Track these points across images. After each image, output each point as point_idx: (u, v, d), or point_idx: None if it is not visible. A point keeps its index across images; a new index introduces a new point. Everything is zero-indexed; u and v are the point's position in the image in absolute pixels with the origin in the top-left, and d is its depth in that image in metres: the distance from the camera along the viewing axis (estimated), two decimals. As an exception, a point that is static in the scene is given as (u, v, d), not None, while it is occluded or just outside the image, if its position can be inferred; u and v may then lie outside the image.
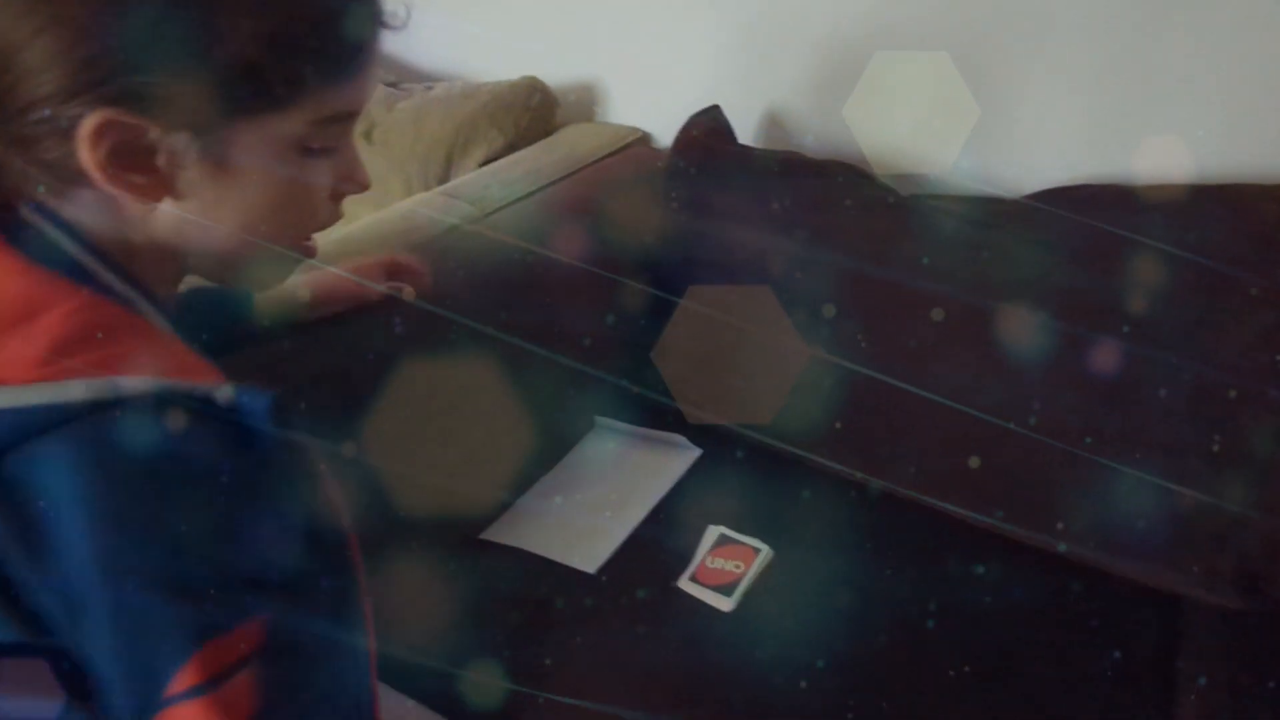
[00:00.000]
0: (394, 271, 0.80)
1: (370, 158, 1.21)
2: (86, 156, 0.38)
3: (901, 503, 0.88)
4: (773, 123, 1.18)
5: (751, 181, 0.98)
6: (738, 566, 0.81)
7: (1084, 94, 0.96)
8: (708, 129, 1.04)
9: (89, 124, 0.38)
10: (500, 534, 0.87)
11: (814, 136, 1.15)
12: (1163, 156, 0.93)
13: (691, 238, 1.01)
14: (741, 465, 0.94)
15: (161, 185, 0.42)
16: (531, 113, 1.21)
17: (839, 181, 0.97)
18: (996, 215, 0.90)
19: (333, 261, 0.82)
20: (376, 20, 0.45)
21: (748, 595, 0.79)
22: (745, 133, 1.14)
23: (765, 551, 0.83)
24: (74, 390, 0.36)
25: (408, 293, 0.80)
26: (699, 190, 1.00)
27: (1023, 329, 0.82)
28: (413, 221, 0.99)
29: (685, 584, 0.80)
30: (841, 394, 0.90)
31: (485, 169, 1.14)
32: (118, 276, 0.43)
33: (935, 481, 0.87)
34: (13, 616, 0.36)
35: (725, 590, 0.78)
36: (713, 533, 0.85)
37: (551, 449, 0.98)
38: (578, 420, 1.03)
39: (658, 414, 0.99)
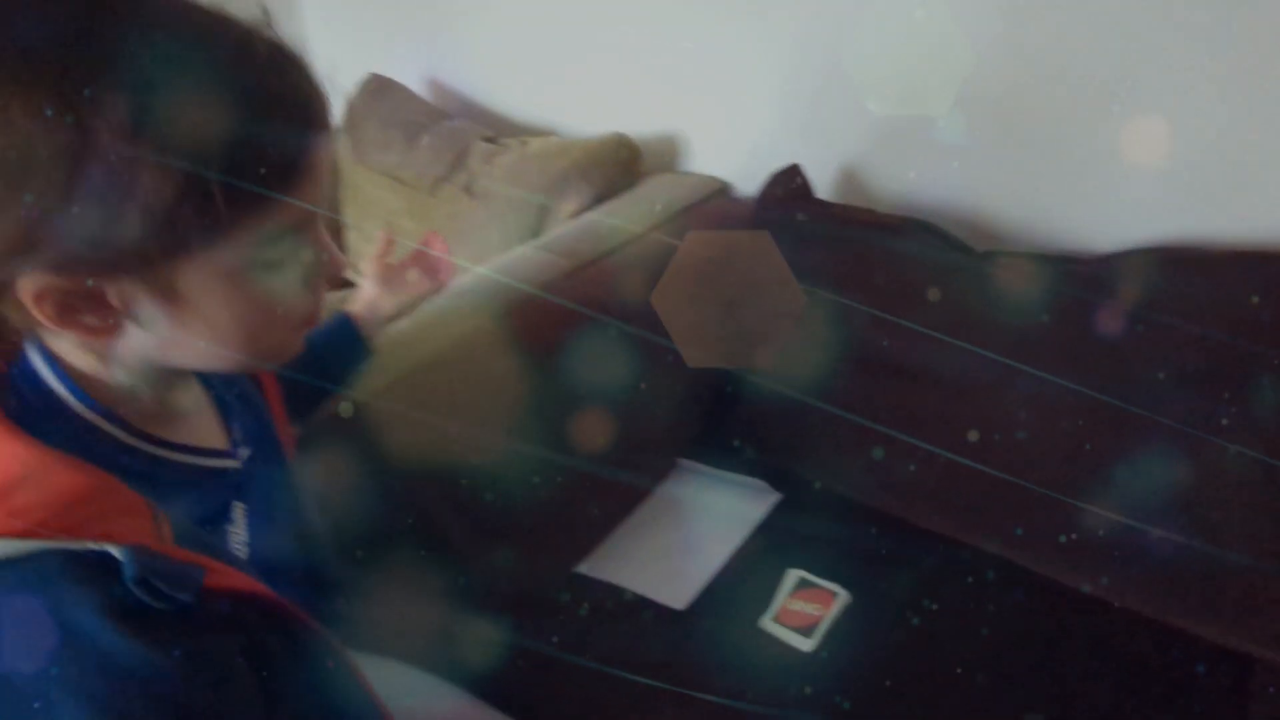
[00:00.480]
0: (426, 262, 0.89)
1: (471, 209, 1.32)
2: (35, 315, 0.40)
3: (979, 554, 0.92)
4: (848, 177, 1.23)
5: (832, 238, 1.03)
6: (817, 609, 0.86)
7: (1164, 152, 0.98)
8: (789, 186, 1.11)
9: (29, 291, 0.39)
10: (594, 569, 0.95)
11: (887, 191, 1.20)
12: (1246, 218, 0.94)
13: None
14: (818, 511, 1.00)
15: (120, 320, 0.42)
16: (619, 166, 1.29)
17: (916, 239, 1.02)
18: (1073, 276, 0.93)
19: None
20: (303, 134, 0.42)
21: (827, 636, 0.84)
22: (821, 185, 1.20)
23: (843, 595, 0.88)
24: None
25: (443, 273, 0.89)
26: (782, 246, 1.06)
27: (1099, 396, 0.85)
28: (513, 275, 1.08)
29: (767, 624, 0.86)
30: (918, 452, 0.94)
31: (577, 222, 1.22)
32: (92, 410, 0.45)
33: (1015, 543, 0.90)
34: None
35: (806, 632, 0.84)
36: (792, 576, 0.91)
37: (638, 489, 1.05)
38: (662, 462, 1.10)
39: (738, 459, 1.05)
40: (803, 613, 0.86)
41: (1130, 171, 1.01)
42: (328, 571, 0.68)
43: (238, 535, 0.54)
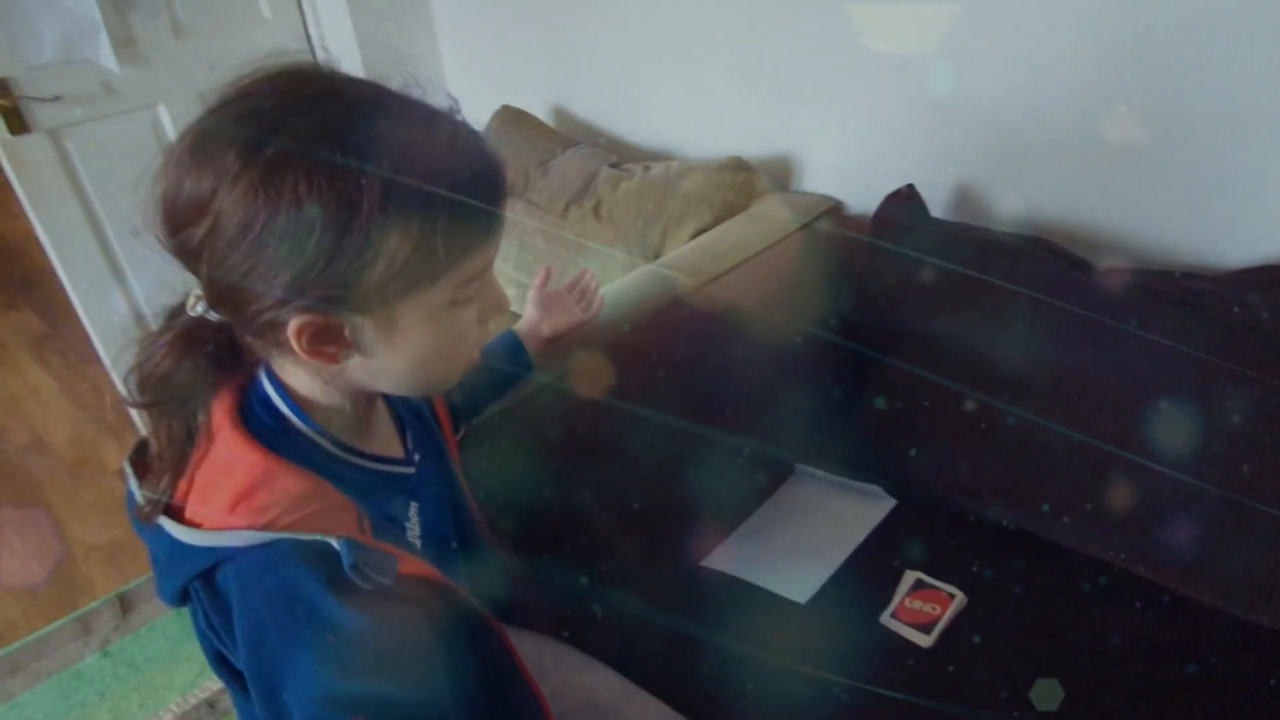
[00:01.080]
0: (580, 293, 1.01)
1: (599, 230, 1.43)
2: (294, 344, 0.51)
3: (1096, 563, 0.94)
4: (962, 195, 1.26)
5: (948, 259, 1.08)
6: (934, 609, 0.91)
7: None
8: (904, 207, 1.15)
9: (293, 326, 0.50)
10: (719, 562, 1.03)
11: (1002, 209, 1.22)
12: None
13: (890, 311, 1.12)
14: (932, 517, 1.04)
15: (348, 350, 0.53)
16: (736, 189, 1.37)
17: (1033, 258, 1.05)
18: (1198, 295, 0.94)
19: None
20: (494, 201, 0.53)
21: (945, 634, 0.89)
22: (935, 204, 1.24)
23: (960, 598, 0.92)
24: (238, 538, 0.50)
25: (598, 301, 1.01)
26: (898, 266, 1.11)
27: (1221, 414, 0.86)
28: (641, 292, 1.18)
29: (887, 620, 0.91)
30: (1036, 465, 0.97)
31: (696, 242, 1.31)
32: (314, 430, 0.56)
33: (1134, 553, 0.92)
34: (233, 677, 0.54)
35: (925, 629, 0.89)
36: (909, 577, 0.96)
37: (759, 491, 1.13)
38: (781, 466, 1.17)
39: (853, 465, 1.11)
40: (921, 611, 0.91)
41: (1256, 184, 1.00)
42: (486, 557, 0.79)
43: (413, 530, 0.65)
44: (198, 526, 0.51)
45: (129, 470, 0.56)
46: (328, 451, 0.58)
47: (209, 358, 0.54)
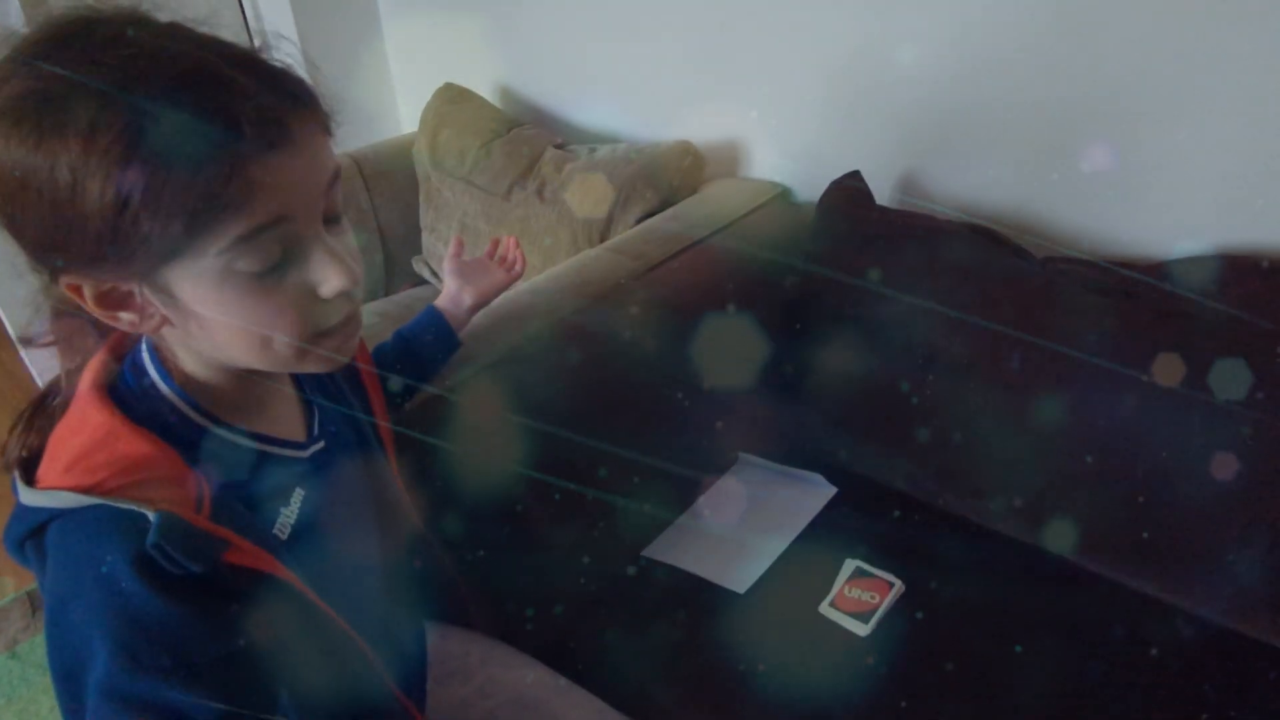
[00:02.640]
0: (494, 257, 0.98)
1: (543, 212, 1.39)
2: (83, 305, 0.48)
3: (1028, 548, 0.95)
4: (907, 183, 1.26)
5: (892, 245, 1.07)
6: (873, 597, 0.90)
7: (1230, 159, 0.99)
8: (850, 193, 1.14)
9: (66, 285, 0.48)
10: (658, 553, 1.00)
11: (947, 197, 1.22)
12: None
13: (834, 297, 1.11)
14: (873, 504, 1.03)
15: (152, 318, 0.49)
16: (684, 173, 1.34)
17: (975, 245, 1.05)
18: (1132, 283, 0.95)
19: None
20: (244, 145, 0.44)
21: (882, 623, 0.88)
22: (881, 191, 1.23)
23: (898, 585, 0.92)
24: (62, 499, 0.47)
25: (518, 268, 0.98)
26: (843, 251, 1.10)
27: (1157, 399, 0.87)
28: (585, 275, 1.15)
29: (825, 609, 0.90)
30: (974, 450, 0.97)
31: (643, 225, 1.28)
32: (171, 390, 0.53)
33: (1064, 536, 0.93)
34: None
35: (862, 617, 0.88)
36: (849, 565, 0.95)
37: (699, 479, 1.11)
38: (722, 455, 1.15)
39: (794, 453, 1.10)
40: (859, 600, 0.90)
41: (1189, 178, 1.02)
42: (408, 551, 0.74)
43: (288, 518, 0.59)
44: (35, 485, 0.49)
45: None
46: (189, 419, 0.53)
47: (88, 321, 0.52)
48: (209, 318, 0.48)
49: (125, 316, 0.49)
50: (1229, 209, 1.01)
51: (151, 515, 0.45)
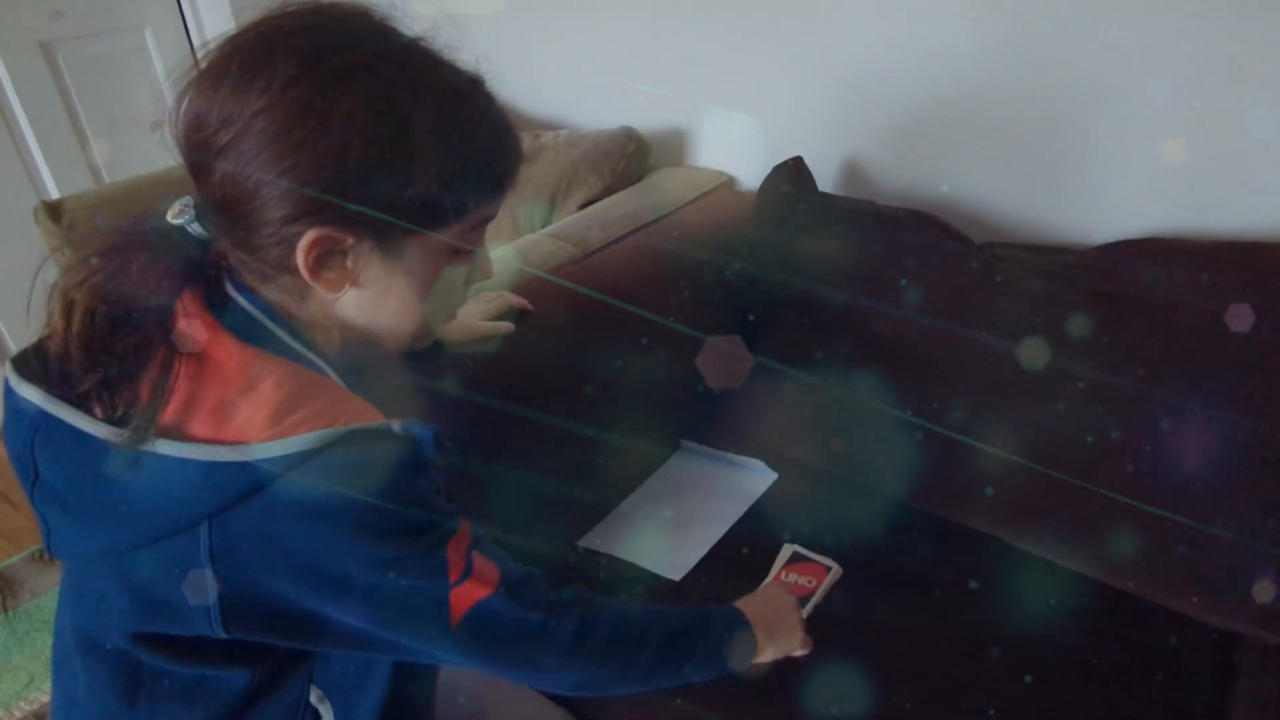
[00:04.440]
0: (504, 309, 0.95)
1: (483, 199, 1.36)
2: (300, 260, 0.51)
3: (963, 530, 0.95)
4: (851, 170, 1.26)
5: (832, 230, 1.07)
6: (810, 582, 0.89)
7: (1158, 146, 1.01)
8: (791, 178, 1.14)
9: (308, 239, 0.50)
10: (595, 542, 0.98)
11: (889, 184, 1.23)
12: (1231, 210, 0.97)
13: (772, 283, 1.10)
14: (812, 489, 1.02)
15: (347, 278, 0.54)
16: (627, 159, 1.33)
17: (915, 230, 1.05)
18: (1067, 267, 0.96)
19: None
20: (519, 156, 0.58)
21: (819, 608, 0.87)
22: (824, 179, 1.23)
23: (835, 569, 0.90)
24: (302, 442, 0.48)
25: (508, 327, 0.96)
26: (783, 236, 1.10)
27: (1091, 380, 0.88)
28: (526, 260, 1.12)
29: (762, 595, 0.88)
30: (910, 435, 0.97)
31: (585, 211, 1.26)
32: (304, 346, 0.55)
33: (999, 518, 0.93)
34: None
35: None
36: (787, 550, 0.93)
37: (640, 467, 1.09)
38: (664, 442, 1.13)
39: (736, 439, 1.08)
40: (796, 584, 0.89)
41: (1120, 166, 1.04)
42: None
43: None
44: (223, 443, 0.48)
45: (31, 389, 0.50)
46: (318, 366, 0.55)
47: (179, 271, 0.52)
48: (408, 287, 0.55)
49: (328, 275, 0.53)
50: (1158, 196, 1.03)
51: (416, 429, 0.51)
